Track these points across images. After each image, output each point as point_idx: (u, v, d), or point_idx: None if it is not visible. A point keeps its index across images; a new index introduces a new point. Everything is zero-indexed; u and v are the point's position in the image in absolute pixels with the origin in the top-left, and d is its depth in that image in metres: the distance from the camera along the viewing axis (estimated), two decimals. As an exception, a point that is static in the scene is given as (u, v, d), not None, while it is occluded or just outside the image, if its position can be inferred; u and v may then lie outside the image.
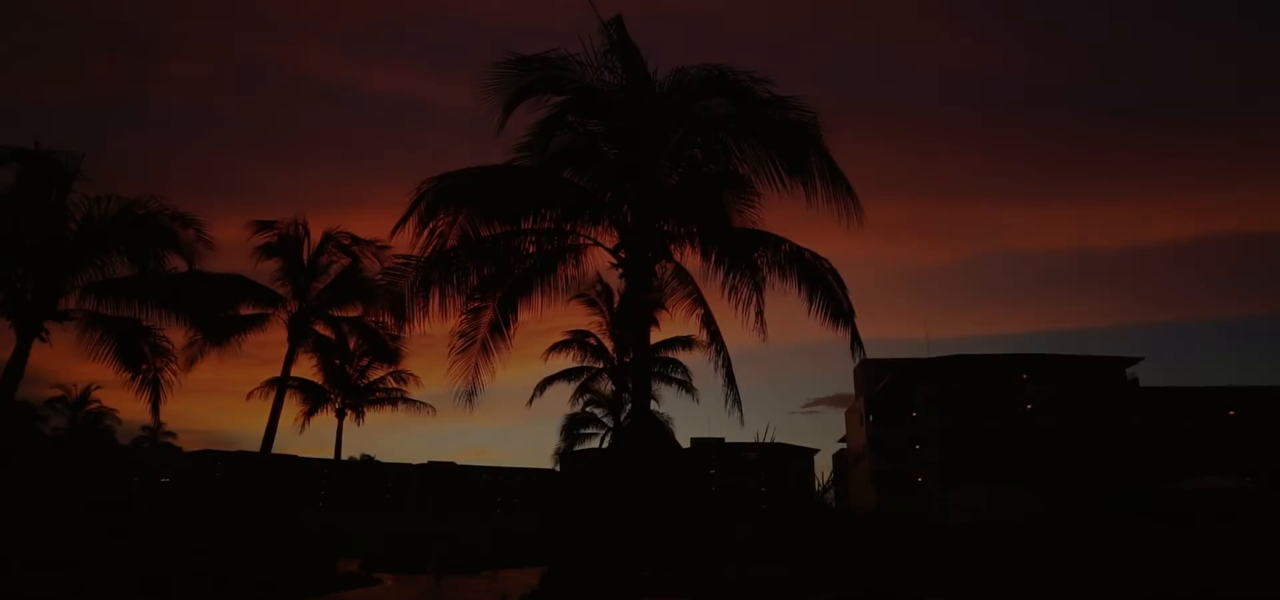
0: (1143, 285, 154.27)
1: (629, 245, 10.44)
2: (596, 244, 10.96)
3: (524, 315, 11.55)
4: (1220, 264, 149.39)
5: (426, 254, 8.50)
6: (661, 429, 20.80)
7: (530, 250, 10.69)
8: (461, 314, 11.39)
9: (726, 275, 10.09)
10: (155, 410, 17.25)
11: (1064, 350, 74.41)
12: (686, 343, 26.47)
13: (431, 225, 8.51)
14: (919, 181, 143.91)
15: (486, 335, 11.64)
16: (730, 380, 12.65)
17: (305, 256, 23.72)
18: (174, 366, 17.23)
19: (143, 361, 16.94)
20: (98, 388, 65.09)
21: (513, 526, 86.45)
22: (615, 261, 10.62)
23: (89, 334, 15.78)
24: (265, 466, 24.49)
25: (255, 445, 25.15)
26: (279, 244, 23.44)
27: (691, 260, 11.44)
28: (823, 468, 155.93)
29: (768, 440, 27.41)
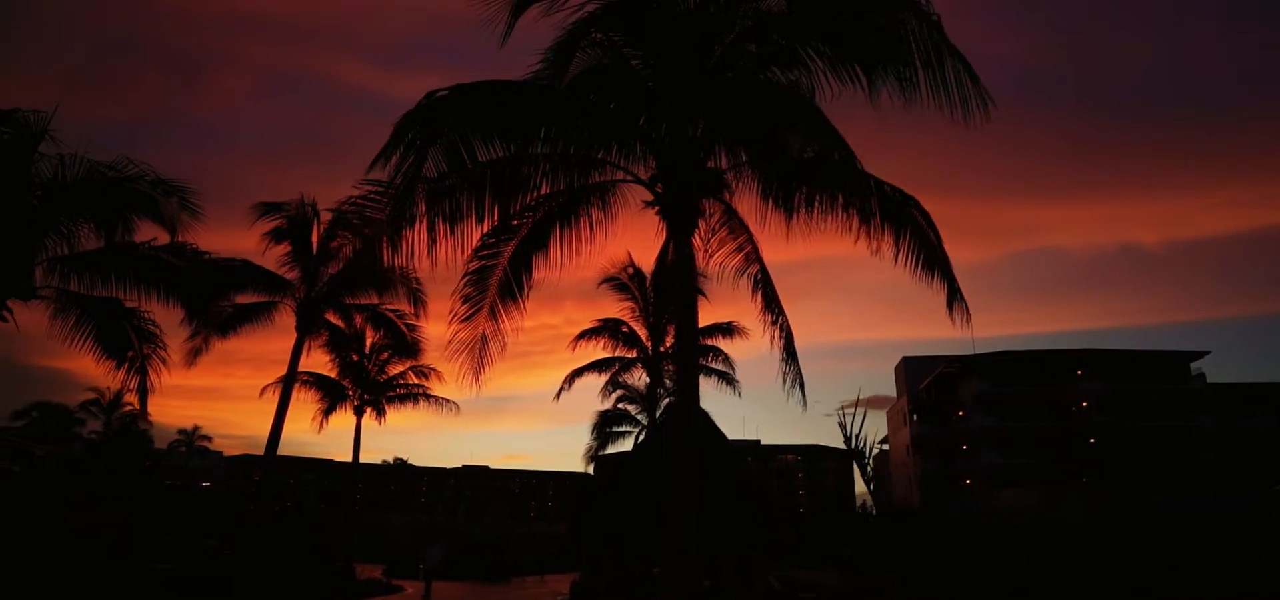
0: (1193, 281, 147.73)
1: (669, 177, 8.31)
2: (628, 176, 8.80)
3: (540, 273, 9.50)
4: (1273, 257, 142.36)
5: (400, 176, 6.46)
6: (706, 419, 18.60)
7: (544, 190, 8.57)
8: (463, 274, 9.39)
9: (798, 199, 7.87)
10: (143, 402, 15.59)
11: (1112, 349, 70.08)
12: (727, 329, 24.26)
13: (411, 137, 6.47)
14: (955, 179, 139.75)
15: (495, 299, 9.61)
16: (790, 354, 10.46)
17: (315, 240, 21.98)
18: (162, 353, 15.49)
19: (128, 348, 15.24)
20: (130, 391, 64.63)
21: (546, 530, 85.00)
22: (652, 197, 8.50)
23: (63, 316, 14.11)
24: (272, 466, 22.75)
25: (293, 449, 23.55)
26: (287, 228, 21.73)
27: (745, 201, 9.27)
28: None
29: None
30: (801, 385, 10.33)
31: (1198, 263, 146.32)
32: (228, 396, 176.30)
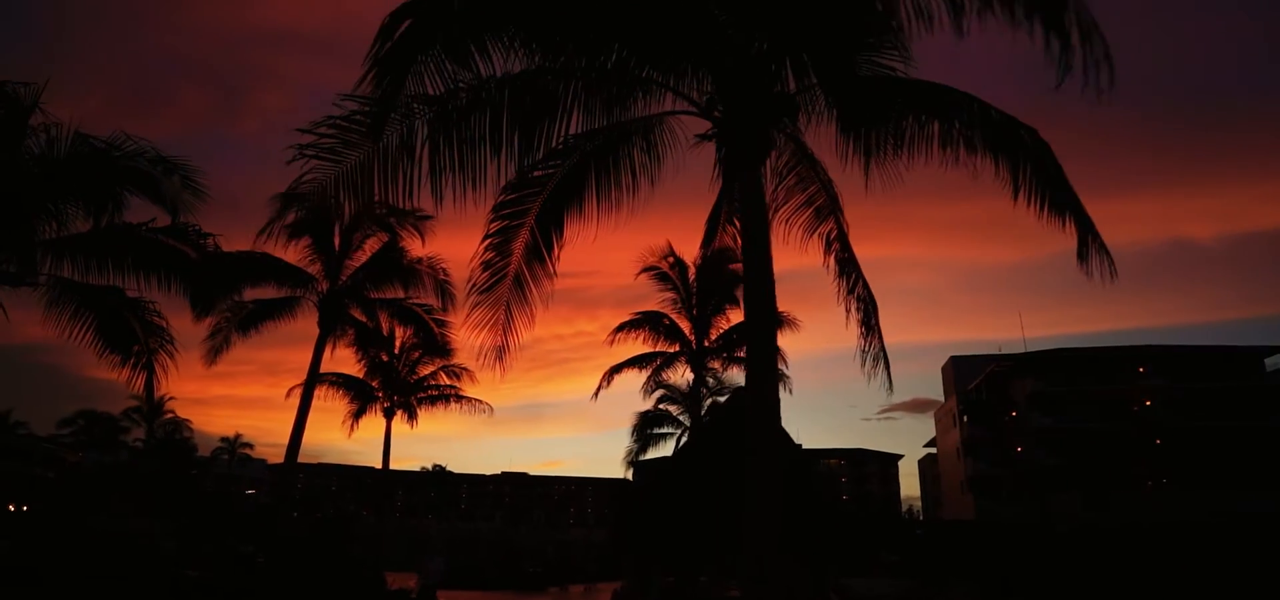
0: (1252, 275, 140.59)
1: (731, 98, 6.69)
2: (679, 99, 7.17)
3: (572, 231, 7.94)
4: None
5: (388, 79, 4.99)
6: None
7: (574, 125, 6.97)
8: (483, 237, 7.92)
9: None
10: (149, 398, 14.52)
11: (1177, 345, 66.38)
12: (776, 321, 22.39)
13: (402, 31, 5.00)
14: (991, 178, 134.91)
15: (520, 266, 8.10)
16: (870, 328, 8.76)
17: (337, 232, 20.82)
18: (170, 347, 14.33)
19: (133, 342, 14.12)
20: (170, 399, 65.46)
21: (585, 537, 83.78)
22: (709, 128, 6.91)
23: (59, 306, 13.00)
24: (291, 471, 21.68)
25: (337, 457, 22.50)
26: (308, 219, 20.57)
27: (819, 139, 7.62)
28: (908, 474, 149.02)
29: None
30: (886, 363, 8.63)
31: (1256, 256, 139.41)
32: (273, 406, 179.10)
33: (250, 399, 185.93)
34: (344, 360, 27.22)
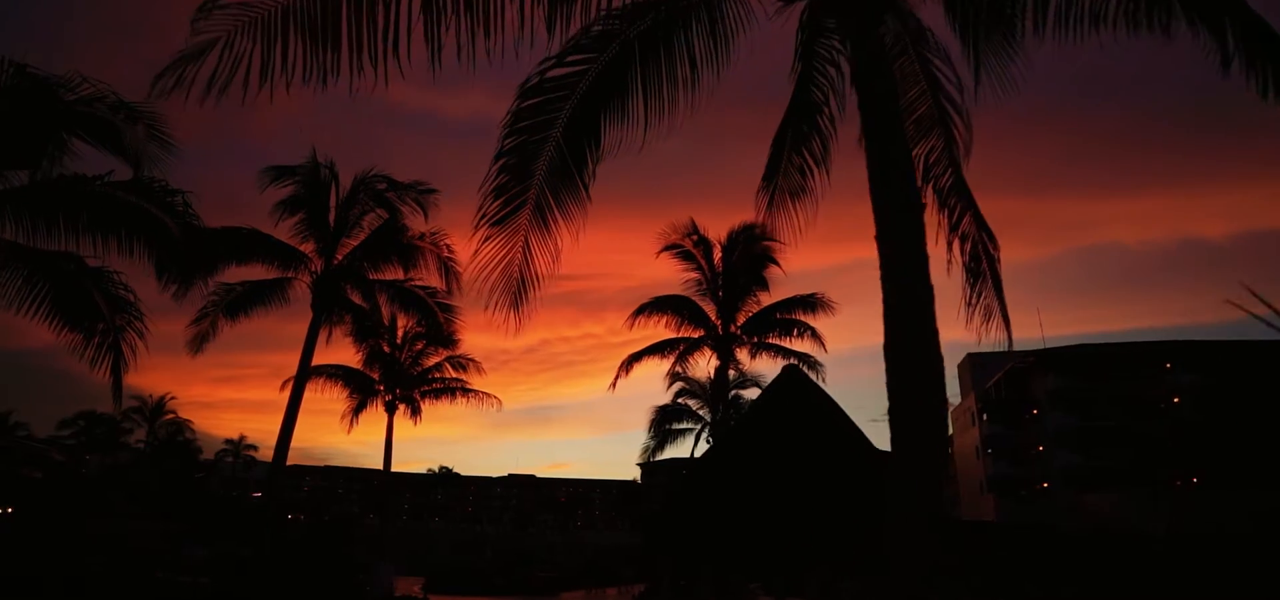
0: (1261, 273, 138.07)
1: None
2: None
3: (611, 143, 6.13)
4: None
5: None
6: (819, 393, 14.75)
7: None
8: (495, 156, 6.14)
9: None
10: (117, 384, 12.70)
11: (1206, 340, 64.32)
12: (810, 303, 20.58)
13: None
14: (1008, 176, 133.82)
15: (541, 189, 6.31)
16: (977, 273, 6.94)
17: (333, 207, 19.11)
18: (139, 324, 12.58)
19: (96, 318, 12.38)
20: (171, 398, 64.21)
21: (594, 540, 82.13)
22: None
23: (7, 274, 11.27)
24: (282, 473, 20.00)
25: (343, 460, 20.85)
26: (302, 194, 18.89)
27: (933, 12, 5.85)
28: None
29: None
30: (1005, 316, 6.81)
31: (1268, 255, 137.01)
32: (281, 409, 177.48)
33: (257, 402, 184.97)
34: (344, 356, 25.66)
